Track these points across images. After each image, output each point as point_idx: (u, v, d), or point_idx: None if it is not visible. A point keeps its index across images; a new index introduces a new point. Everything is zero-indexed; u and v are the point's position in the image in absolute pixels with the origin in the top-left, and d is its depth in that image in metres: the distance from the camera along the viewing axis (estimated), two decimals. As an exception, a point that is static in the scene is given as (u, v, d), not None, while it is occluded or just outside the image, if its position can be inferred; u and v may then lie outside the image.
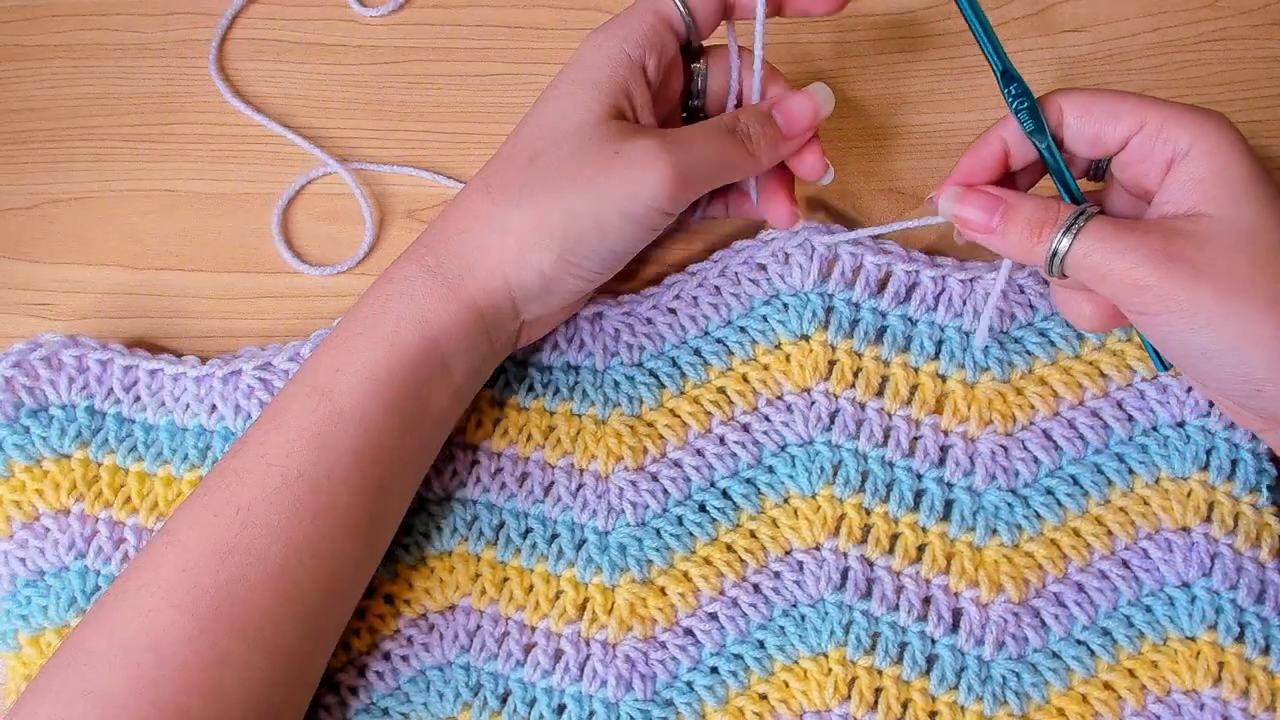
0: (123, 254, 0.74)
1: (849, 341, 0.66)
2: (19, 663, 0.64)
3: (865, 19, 0.77)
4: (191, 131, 0.77)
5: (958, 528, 0.64)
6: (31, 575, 0.65)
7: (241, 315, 0.73)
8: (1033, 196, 0.58)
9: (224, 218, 0.75)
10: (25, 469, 0.66)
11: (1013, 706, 0.62)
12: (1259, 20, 0.75)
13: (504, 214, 0.60)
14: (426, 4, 0.79)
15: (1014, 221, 0.57)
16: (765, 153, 0.62)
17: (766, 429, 0.66)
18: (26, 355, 0.66)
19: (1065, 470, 0.65)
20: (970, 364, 0.66)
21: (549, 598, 0.64)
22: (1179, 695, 0.61)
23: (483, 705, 0.63)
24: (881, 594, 0.63)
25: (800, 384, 0.66)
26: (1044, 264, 0.57)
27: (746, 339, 0.68)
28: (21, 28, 0.79)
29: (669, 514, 0.65)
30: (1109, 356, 0.66)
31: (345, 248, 0.74)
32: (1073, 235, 0.55)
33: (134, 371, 0.68)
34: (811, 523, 0.64)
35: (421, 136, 0.76)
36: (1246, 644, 0.61)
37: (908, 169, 0.74)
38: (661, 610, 0.64)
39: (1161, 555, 0.63)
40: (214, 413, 0.67)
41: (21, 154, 0.76)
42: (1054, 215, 0.57)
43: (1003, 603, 0.63)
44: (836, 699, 0.62)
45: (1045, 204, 0.57)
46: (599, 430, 0.67)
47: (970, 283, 0.67)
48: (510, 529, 0.65)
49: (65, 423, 0.66)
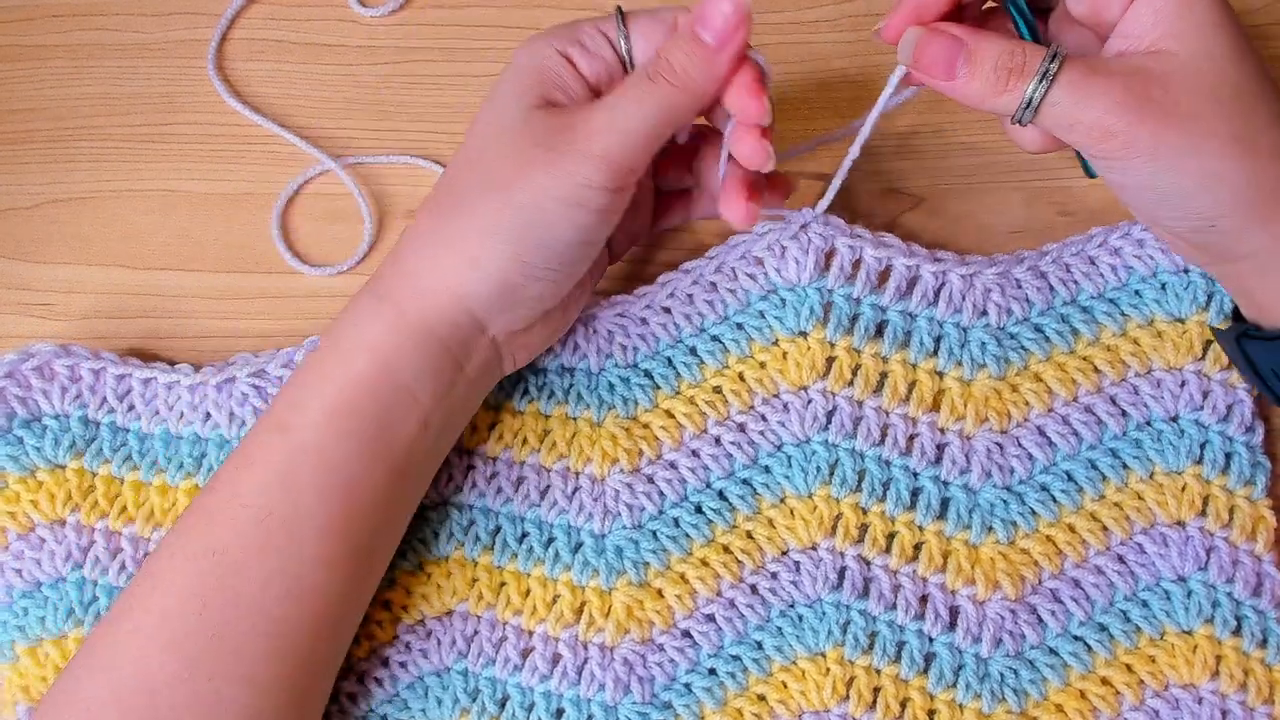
0: (122, 254, 0.73)
1: (848, 338, 0.65)
2: (15, 674, 0.63)
3: (866, 19, 0.76)
4: (191, 132, 0.76)
5: (954, 526, 0.63)
6: (28, 586, 0.64)
7: (241, 315, 0.72)
8: (997, 38, 0.54)
9: (223, 218, 0.74)
10: (19, 480, 0.65)
11: (1011, 704, 0.61)
12: (1259, 20, 0.74)
13: (448, 224, 0.58)
14: (426, 4, 0.78)
15: (979, 69, 0.54)
16: (698, 76, 0.56)
17: (763, 429, 0.65)
18: (18, 365, 0.65)
19: (1060, 466, 0.64)
20: (968, 361, 0.65)
21: (546, 602, 0.63)
22: (1177, 689, 0.61)
23: (481, 710, 0.62)
24: (879, 593, 0.62)
25: (797, 382, 0.65)
26: (1011, 113, 0.54)
27: (743, 336, 0.66)
28: (21, 28, 0.78)
29: (665, 516, 0.64)
30: (1103, 353, 0.65)
31: (345, 247, 0.73)
32: (1045, 84, 0.52)
33: (127, 380, 0.67)
34: (808, 523, 0.63)
35: (422, 136, 0.75)
36: (1244, 637, 0.61)
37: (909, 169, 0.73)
38: (659, 612, 0.63)
39: (1157, 550, 0.62)
40: (208, 421, 0.66)
41: (21, 154, 0.75)
42: (1022, 62, 0.53)
43: (999, 600, 0.62)
44: (835, 699, 0.61)
45: (1012, 49, 0.53)
46: (594, 433, 0.65)
47: (970, 277, 0.65)
48: (507, 533, 0.64)
49: (59, 433, 0.65)
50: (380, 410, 0.57)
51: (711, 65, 0.56)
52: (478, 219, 0.57)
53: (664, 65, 0.56)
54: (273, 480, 0.56)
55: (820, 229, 0.65)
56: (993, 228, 0.71)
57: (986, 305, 0.65)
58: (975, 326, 0.65)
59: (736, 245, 0.66)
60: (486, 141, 0.58)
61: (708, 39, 0.56)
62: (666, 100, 0.56)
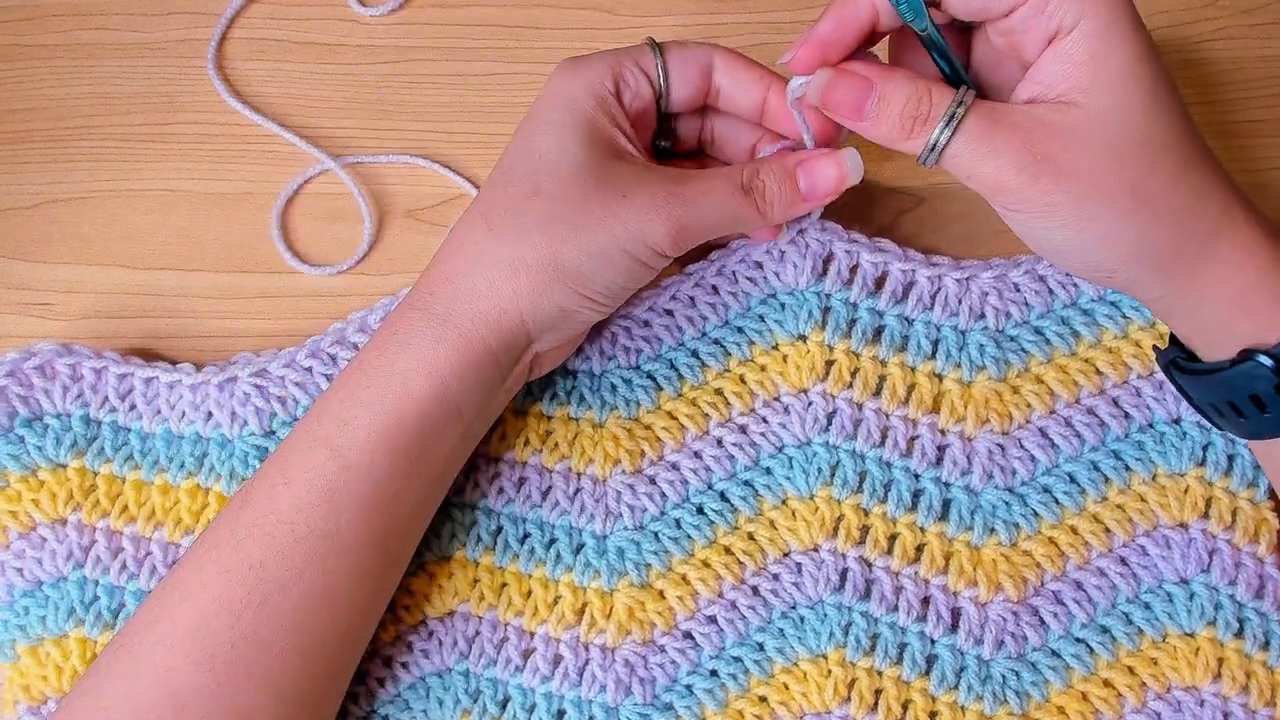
0: (122, 254, 0.73)
1: (846, 341, 0.65)
2: (16, 673, 0.63)
3: None
4: (191, 131, 0.75)
5: (956, 527, 0.63)
6: (29, 586, 0.64)
7: (241, 315, 0.72)
8: (906, 81, 0.55)
9: (223, 218, 0.73)
10: (21, 479, 0.65)
11: (1013, 705, 0.61)
12: (1259, 20, 0.74)
13: (511, 250, 0.57)
14: (426, 4, 0.78)
15: (885, 115, 0.55)
16: (779, 211, 0.60)
17: (764, 430, 0.65)
18: (20, 364, 0.65)
19: (1062, 468, 0.64)
20: (967, 363, 0.65)
21: (547, 603, 0.63)
22: (1179, 691, 0.61)
23: (482, 711, 0.62)
24: (880, 595, 0.62)
25: (797, 385, 0.65)
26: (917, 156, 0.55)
27: (744, 340, 0.66)
28: (21, 28, 0.78)
29: (667, 517, 0.64)
30: (1105, 354, 0.65)
31: (345, 247, 0.73)
32: (948, 132, 0.53)
33: (129, 380, 0.66)
34: (810, 524, 0.63)
35: (421, 136, 0.75)
36: (1246, 639, 0.61)
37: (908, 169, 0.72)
38: (660, 614, 0.63)
39: (1159, 552, 0.62)
40: (210, 420, 0.66)
41: (21, 154, 0.75)
42: (928, 109, 0.54)
43: (1001, 602, 0.62)
44: (836, 701, 0.61)
45: (919, 95, 0.54)
46: (596, 434, 0.65)
47: (966, 281, 0.65)
48: (508, 534, 0.64)
49: (60, 432, 0.65)
50: (429, 430, 0.57)
51: (794, 206, 0.61)
52: (544, 252, 0.57)
53: (760, 186, 0.60)
54: (317, 500, 0.55)
55: (818, 234, 0.65)
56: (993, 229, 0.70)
57: (984, 309, 0.65)
58: (973, 329, 0.65)
59: (736, 249, 0.67)
60: (554, 174, 0.58)
61: (803, 186, 0.60)
62: (745, 212, 0.60)
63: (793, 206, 0.60)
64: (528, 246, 0.57)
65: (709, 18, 0.76)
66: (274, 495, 0.56)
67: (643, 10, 0.76)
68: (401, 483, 0.57)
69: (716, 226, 0.60)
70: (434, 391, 0.57)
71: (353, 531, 0.56)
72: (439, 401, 0.57)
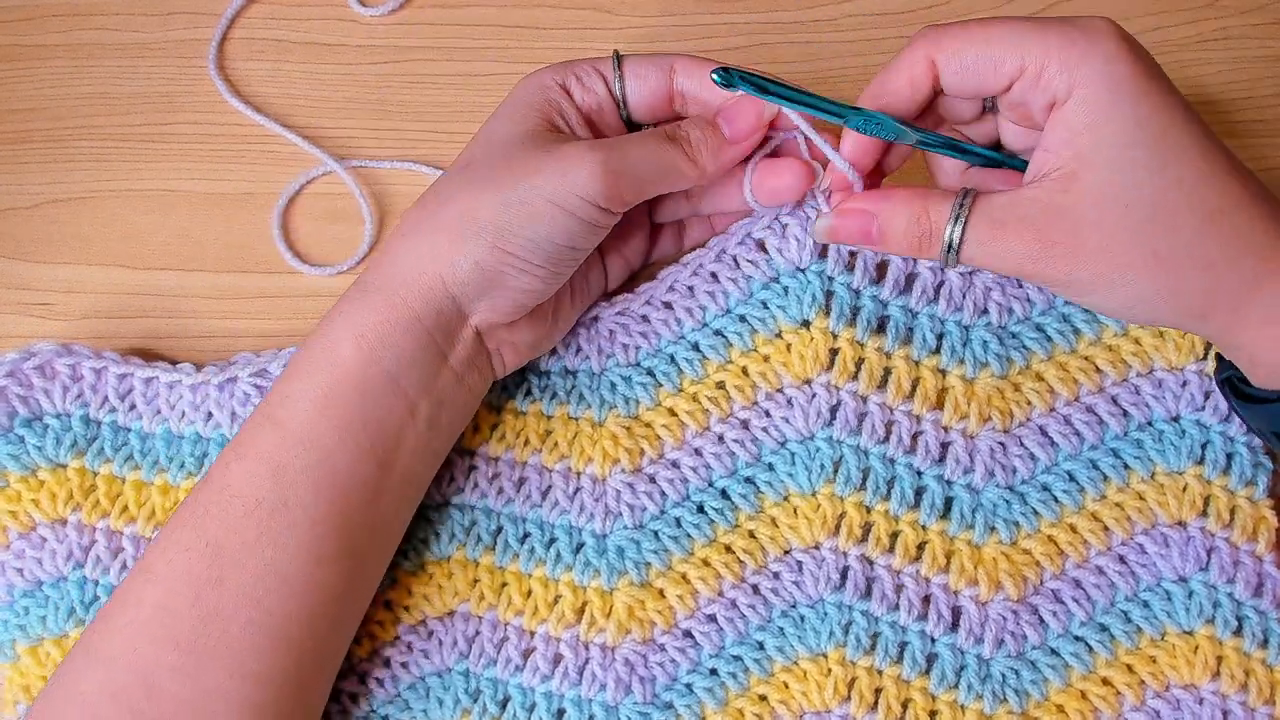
0: (122, 254, 0.73)
1: (851, 330, 0.64)
2: (16, 673, 0.63)
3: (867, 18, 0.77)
4: (191, 131, 0.75)
5: (957, 525, 0.63)
6: (29, 586, 0.64)
7: (241, 315, 0.72)
8: (902, 205, 0.58)
9: (223, 218, 0.74)
10: (21, 479, 0.65)
11: (1012, 704, 0.61)
12: (1259, 20, 0.74)
13: (431, 217, 0.59)
14: (426, 4, 0.78)
15: (892, 238, 0.58)
16: (707, 157, 0.61)
17: (766, 425, 0.64)
18: (20, 364, 0.65)
19: (1062, 467, 0.63)
20: (971, 359, 0.64)
21: (547, 602, 0.63)
22: (1178, 690, 0.61)
23: (482, 711, 0.62)
24: (881, 593, 0.62)
25: (801, 375, 0.64)
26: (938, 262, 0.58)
27: (746, 328, 0.65)
28: (21, 28, 0.78)
29: (667, 516, 0.64)
30: (1105, 352, 0.64)
31: (345, 247, 0.73)
32: (958, 233, 0.56)
33: (129, 380, 0.66)
34: (811, 522, 0.63)
35: (421, 136, 0.75)
36: (1245, 637, 0.60)
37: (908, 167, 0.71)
38: (660, 613, 0.63)
39: (1158, 550, 0.62)
40: (210, 420, 0.66)
41: (21, 154, 0.75)
42: (928, 225, 0.57)
43: (1001, 600, 0.62)
44: (836, 699, 0.61)
45: (916, 215, 0.57)
46: (595, 433, 0.65)
47: (970, 275, 0.65)
48: (508, 534, 0.64)
49: (60, 432, 0.65)
50: (367, 400, 0.57)
51: (720, 153, 0.61)
52: (465, 207, 0.58)
53: (683, 134, 0.60)
54: (263, 471, 0.56)
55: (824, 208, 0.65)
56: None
57: (987, 304, 0.65)
58: (977, 325, 0.65)
59: (736, 231, 0.66)
60: (478, 152, 0.60)
61: (726, 132, 0.61)
62: (672, 160, 0.60)
63: (720, 151, 0.61)
64: (446, 209, 0.58)
65: (709, 18, 0.76)
66: (228, 472, 0.57)
67: (643, 10, 0.76)
68: (346, 456, 0.57)
69: (650, 175, 0.60)
70: (362, 355, 0.57)
71: (301, 506, 0.56)
72: (369, 366, 0.57)
